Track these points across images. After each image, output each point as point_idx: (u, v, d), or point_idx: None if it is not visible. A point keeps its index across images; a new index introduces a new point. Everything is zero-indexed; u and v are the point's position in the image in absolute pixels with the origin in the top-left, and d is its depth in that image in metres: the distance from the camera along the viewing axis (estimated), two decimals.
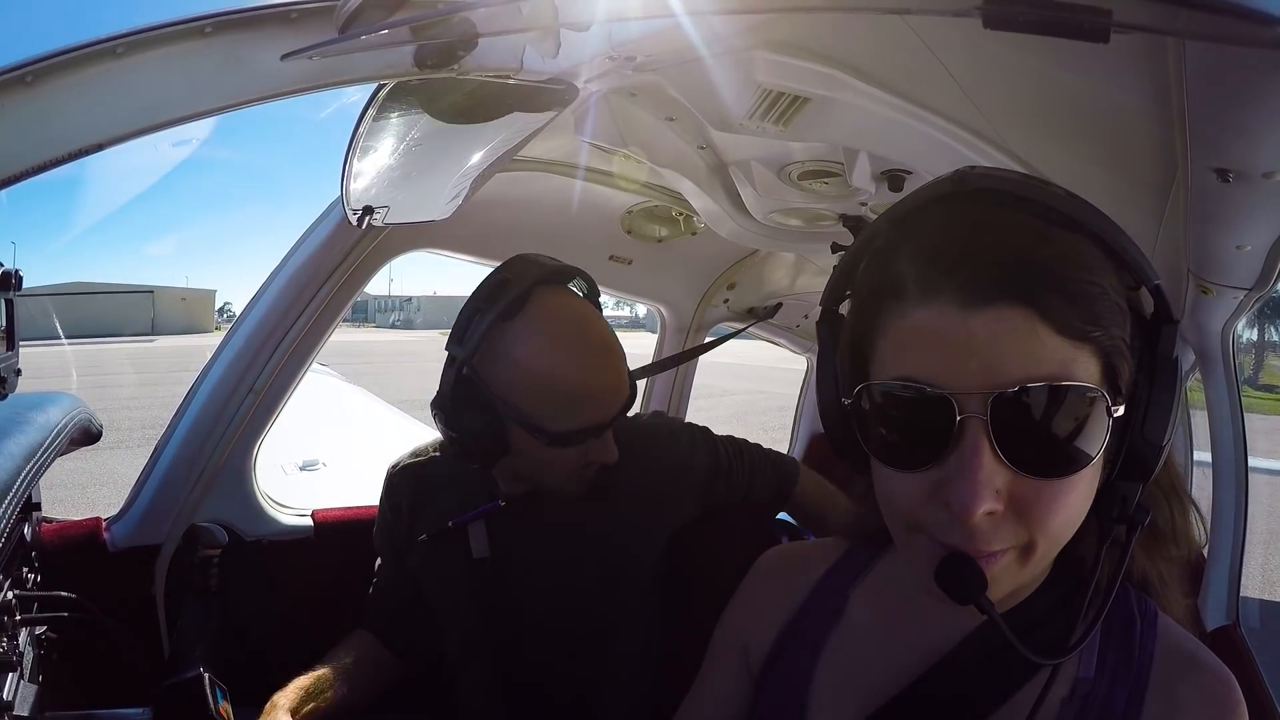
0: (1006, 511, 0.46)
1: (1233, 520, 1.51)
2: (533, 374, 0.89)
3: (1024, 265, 0.44)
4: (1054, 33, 0.50)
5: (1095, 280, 0.45)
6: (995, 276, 0.44)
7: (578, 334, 0.92)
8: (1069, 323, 0.44)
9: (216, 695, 0.91)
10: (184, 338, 33.12)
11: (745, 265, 1.87)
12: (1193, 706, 0.53)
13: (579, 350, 0.91)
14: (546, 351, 0.89)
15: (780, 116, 0.86)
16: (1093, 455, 0.45)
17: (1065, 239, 0.46)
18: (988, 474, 0.44)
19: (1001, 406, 0.43)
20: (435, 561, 1.07)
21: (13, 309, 0.82)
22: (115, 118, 0.61)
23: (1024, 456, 0.44)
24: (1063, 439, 0.45)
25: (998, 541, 0.46)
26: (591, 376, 0.92)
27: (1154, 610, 0.57)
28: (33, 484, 0.87)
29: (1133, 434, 0.48)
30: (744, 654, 0.71)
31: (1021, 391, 0.43)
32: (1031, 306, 0.43)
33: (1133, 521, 0.49)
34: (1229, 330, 1.45)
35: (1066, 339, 0.44)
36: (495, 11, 0.64)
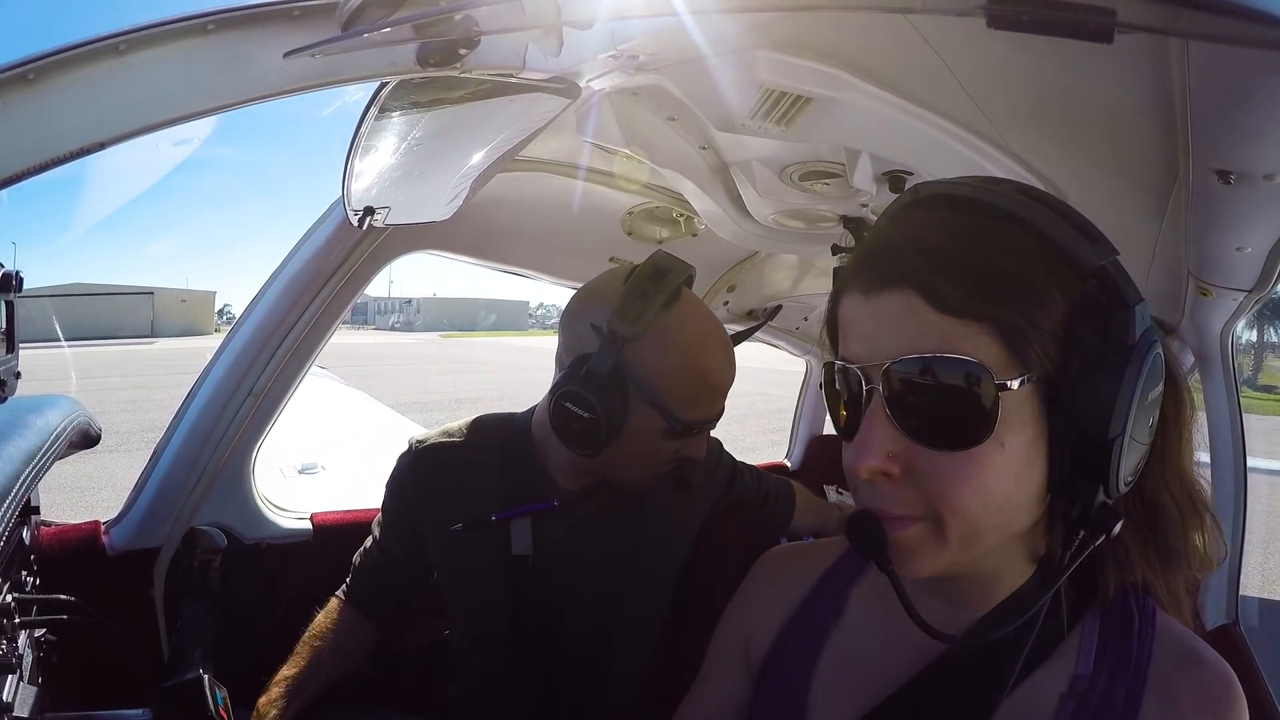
0: (906, 479, 0.49)
1: (1232, 520, 1.51)
2: (687, 359, 0.92)
3: (916, 253, 0.49)
4: (1057, 33, 0.50)
5: (1001, 264, 0.48)
6: (889, 265, 0.49)
7: (715, 334, 0.97)
8: (952, 301, 0.47)
9: (216, 697, 0.91)
10: (184, 340, 33.07)
11: (746, 267, 1.87)
12: (1192, 702, 0.53)
13: (718, 349, 0.96)
14: (699, 341, 0.94)
15: (782, 116, 0.86)
16: (985, 431, 0.47)
17: (986, 230, 0.49)
18: (878, 436, 0.49)
19: (890, 376, 0.48)
20: (468, 552, 1.05)
21: (13, 311, 0.82)
22: (117, 116, 0.61)
23: (914, 424, 0.48)
24: (948, 410, 0.47)
25: (896, 506, 0.50)
26: (723, 374, 0.96)
27: (1152, 607, 0.57)
28: (32, 487, 0.86)
29: (1064, 421, 0.48)
30: (745, 652, 0.72)
31: (902, 363, 0.48)
32: (916, 289, 0.48)
33: (1094, 525, 0.48)
34: (1228, 331, 1.45)
35: (951, 316, 0.47)
36: (498, 9, 0.64)
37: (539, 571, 1.03)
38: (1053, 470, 0.49)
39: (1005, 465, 0.48)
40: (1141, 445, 0.49)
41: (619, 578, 1.05)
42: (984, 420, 0.47)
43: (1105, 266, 0.48)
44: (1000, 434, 0.47)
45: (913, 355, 0.47)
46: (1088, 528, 0.49)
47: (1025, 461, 0.48)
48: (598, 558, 1.04)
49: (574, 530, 1.04)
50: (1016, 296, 0.47)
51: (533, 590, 1.03)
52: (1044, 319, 0.47)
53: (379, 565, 1.13)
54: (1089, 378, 0.47)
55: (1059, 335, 0.48)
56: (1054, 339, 0.48)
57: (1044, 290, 0.48)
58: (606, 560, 1.04)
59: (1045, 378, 0.48)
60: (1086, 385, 0.47)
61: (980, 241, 0.49)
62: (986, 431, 0.47)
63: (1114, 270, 0.48)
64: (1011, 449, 0.48)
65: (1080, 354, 0.47)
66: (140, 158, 47.26)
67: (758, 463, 2.46)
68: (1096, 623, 0.57)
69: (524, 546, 1.03)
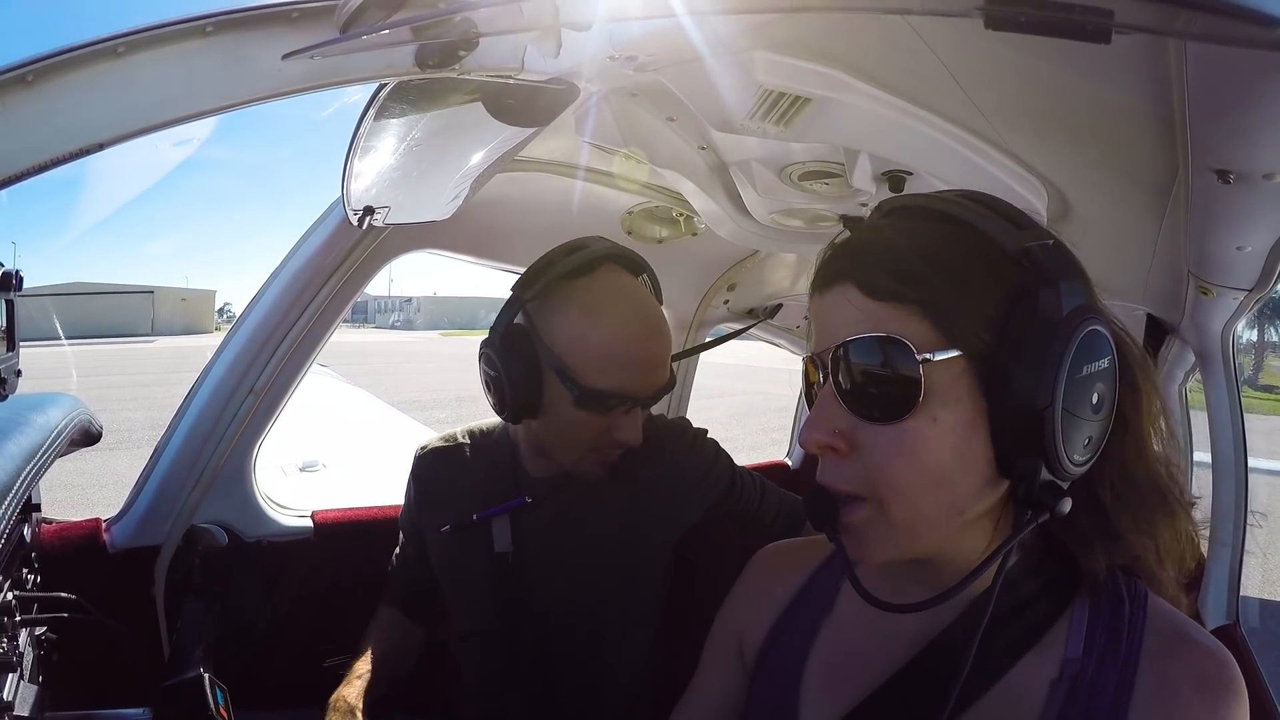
0: (853, 455, 0.53)
1: (1232, 520, 1.51)
2: (584, 325, 0.92)
3: (856, 252, 0.56)
4: (1055, 33, 0.50)
5: (928, 253, 0.52)
6: (834, 265, 0.56)
7: (632, 305, 0.96)
8: (881, 287, 0.52)
9: (216, 695, 0.91)
10: (184, 338, 33.10)
11: (745, 266, 1.87)
12: (1185, 684, 0.53)
13: (631, 318, 0.95)
14: (601, 310, 0.93)
15: (781, 117, 0.86)
16: (911, 401, 0.50)
17: (922, 228, 0.55)
18: (826, 413, 0.54)
19: (836, 359, 0.53)
20: (456, 552, 1.09)
21: (13, 310, 0.82)
22: (116, 117, 0.61)
23: (855, 400, 0.53)
24: (880, 384, 0.52)
25: (842, 481, 0.54)
26: (636, 345, 0.94)
27: (1144, 591, 0.57)
28: (32, 485, 0.86)
29: (998, 397, 0.51)
30: (739, 647, 0.73)
31: (843, 345, 0.53)
32: (853, 281, 0.53)
33: (1037, 503, 0.51)
34: (1229, 331, 1.45)
35: (882, 301, 0.52)
36: (496, 11, 0.64)
37: (520, 568, 1.05)
38: (997, 449, 0.51)
39: (939, 440, 0.51)
40: (1085, 421, 0.51)
41: (597, 572, 1.04)
42: (910, 391, 0.50)
43: (1031, 248, 0.51)
44: (932, 408, 0.51)
45: (851, 338, 0.53)
46: (1032, 505, 0.51)
47: (962, 438, 0.51)
48: (575, 551, 1.04)
49: (550, 525, 1.05)
50: (941, 279, 0.52)
51: (516, 587, 1.05)
52: (972, 299, 0.51)
53: (403, 566, 1.20)
54: (1017, 352, 0.50)
55: (993, 317, 0.51)
56: (987, 320, 0.51)
57: (971, 273, 0.52)
58: (584, 555, 1.04)
59: (979, 356, 0.51)
60: (1014, 359, 0.50)
61: (913, 237, 0.54)
62: (913, 401, 0.50)
63: (1041, 252, 0.51)
64: (945, 424, 0.51)
65: (1011, 332, 0.50)
66: (140, 158, 47.16)
67: (758, 461, 2.47)
68: (1086, 607, 0.57)
69: (504, 544, 1.05)
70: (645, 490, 1.06)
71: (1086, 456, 0.52)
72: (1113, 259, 1.40)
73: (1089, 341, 0.50)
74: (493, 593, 1.06)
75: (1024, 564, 0.58)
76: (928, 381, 0.50)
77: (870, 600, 0.54)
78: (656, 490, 1.07)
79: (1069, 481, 0.52)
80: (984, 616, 0.53)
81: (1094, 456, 0.52)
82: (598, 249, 0.97)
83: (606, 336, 0.92)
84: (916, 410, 0.51)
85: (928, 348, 0.50)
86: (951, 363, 0.51)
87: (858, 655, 0.62)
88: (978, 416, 0.51)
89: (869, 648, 0.62)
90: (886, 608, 0.54)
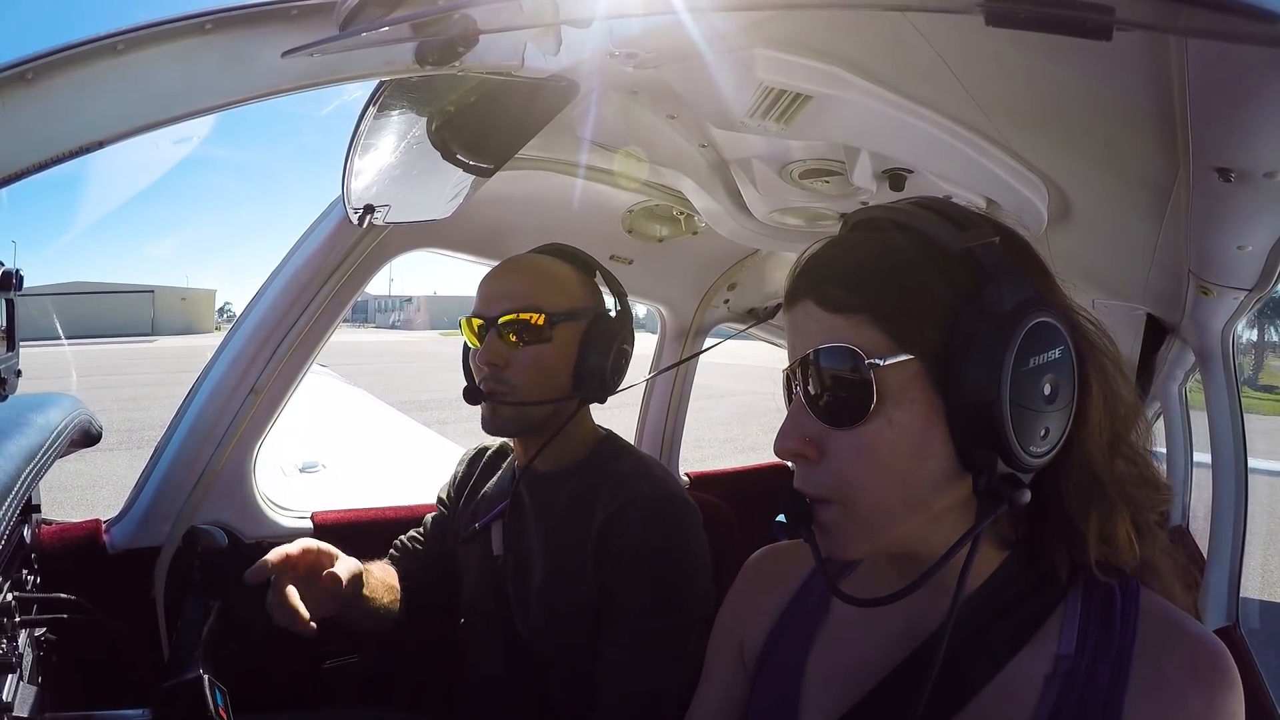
0: (822, 462, 0.56)
1: (1232, 520, 1.51)
2: None
3: (812, 268, 0.58)
4: (1056, 30, 0.50)
5: (876, 263, 0.55)
6: (796, 283, 0.58)
7: (509, 260, 1.09)
8: (831, 300, 0.55)
9: (216, 696, 0.91)
10: (184, 338, 33.11)
11: (746, 265, 1.87)
12: (1179, 675, 0.53)
13: (497, 267, 1.07)
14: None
15: (782, 114, 0.86)
16: (865, 405, 0.53)
17: (872, 239, 0.58)
18: (796, 422, 0.57)
19: (802, 371, 0.56)
20: (467, 557, 1.14)
21: (13, 309, 0.82)
22: (116, 115, 0.61)
23: (820, 408, 0.55)
24: (837, 390, 0.54)
25: (811, 485, 0.56)
26: (487, 279, 1.05)
27: (1135, 585, 0.58)
28: (33, 486, 0.86)
29: (950, 394, 0.52)
30: (740, 651, 0.73)
31: (806, 357, 0.56)
32: (811, 296, 0.56)
33: (995, 494, 0.52)
34: (1229, 331, 1.45)
35: (833, 313, 0.55)
36: (496, 8, 0.64)
37: (509, 569, 1.07)
38: (957, 445, 0.53)
39: (896, 440, 0.53)
40: (1038, 412, 0.52)
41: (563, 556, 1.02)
42: (864, 396, 0.53)
43: (973, 248, 0.53)
44: (887, 410, 0.53)
45: (809, 350, 0.56)
46: (992, 497, 0.52)
47: (920, 436, 0.53)
48: (544, 538, 1.05)
49: (532, 525, 1.06)
50: (888, 286, 0.54)
51: (511, 589, 1.07)
52: (919, 303, 0.53)
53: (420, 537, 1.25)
54: (964, 348, 0.52)
55: (942, 318, 0.53)
56: (935, 322, 0.53)
57: (917, 278, 0.54)
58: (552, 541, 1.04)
59: (931, 356, 0.53)
60: (964, 357, 0.52)
61: (864, 248, 0.58)
62: (867, 406, 0.53)
63: (984, 250, 0.53)
64: (901, 425, 0.53)
65: (960, 330, 0.52)
66: (139, 156, 47.37)
67: (759, 462, 2.46)
68: (1078, 603, 0.57)
69: (499, 547, 1.09)
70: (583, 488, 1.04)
71: (1045, 448, 0.53)
72: (1113, 258, 1.40)
73: (1036, 333, 0.51)
74: (493, 596, 1.08)
75: (1017, 559, 0.58)
76: (880, 386, 0.52)
77: (839, 595, 0.57)
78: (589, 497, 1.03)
79: (1030, 473, 0.53)
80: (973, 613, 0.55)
81: (1055, 448, 0.54)
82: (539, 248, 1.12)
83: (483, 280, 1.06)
84: (872, 414, 0.53)
85: (878, 354, 0.53)
86: (903, 366, 0.53)
87: (855, 655, 0.63)
88: (934, 415, 0.53)
89: (867, 647, 0.62)
90: (855, 602, 0.57)
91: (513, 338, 1.01)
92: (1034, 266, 0.57)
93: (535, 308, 1.00)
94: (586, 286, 1.09)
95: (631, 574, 0.96)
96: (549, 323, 1.00)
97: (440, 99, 0.89)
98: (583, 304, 1.05)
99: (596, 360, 1.03)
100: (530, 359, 1.01)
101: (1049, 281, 0.57)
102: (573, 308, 1.03)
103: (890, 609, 0.55)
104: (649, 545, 0.96)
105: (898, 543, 0.57)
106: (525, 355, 1.01)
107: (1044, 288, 0.56)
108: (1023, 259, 0.56)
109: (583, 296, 1.06)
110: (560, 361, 1.02)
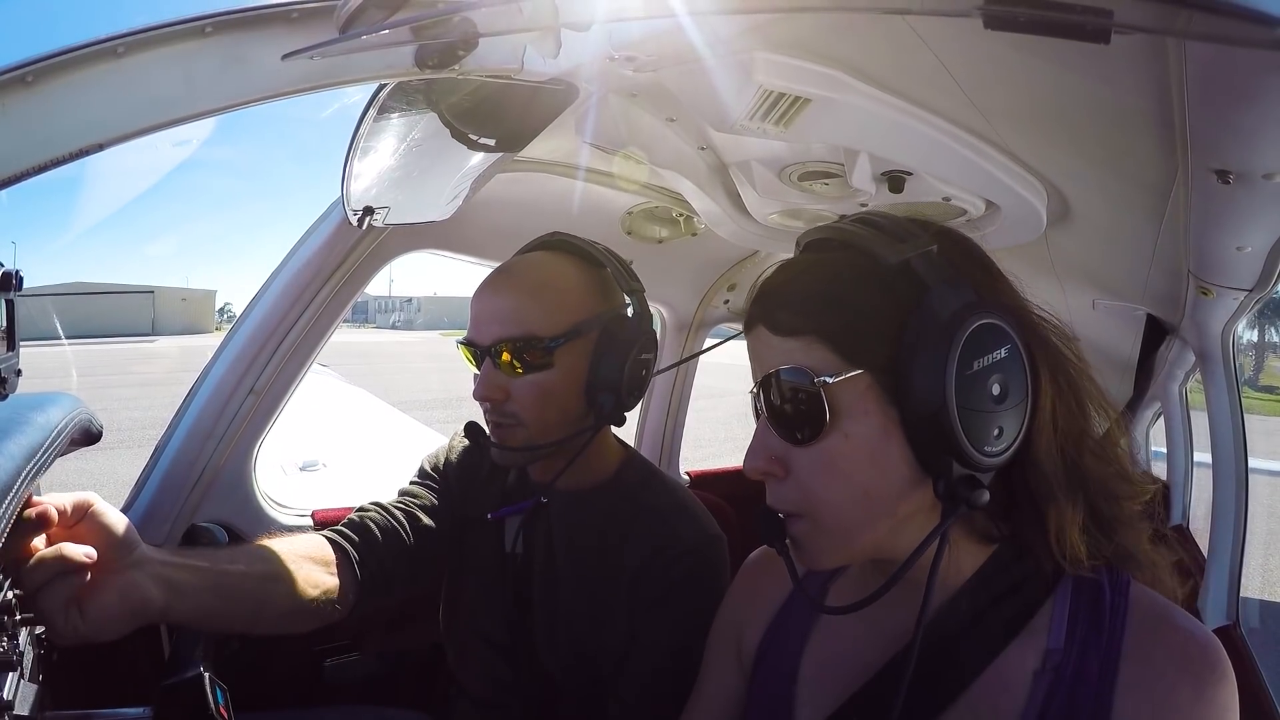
0: (789, 479, 0.58)
1: (1232, 520, 1.51)
2: None
3: (762, 294, 0.60)
4: (1055, 33, 0.50)
5: (821, 285, 0.57)
6: (751, 311, 0.61)
7: (501, 268, 0.98)
8: (781, 324, 0.57)
9: (216, 695, 0.91)
10: (184, 338, 33.12)
11: (745, 266, 1.87)
12: (1170, 668, 0.53)
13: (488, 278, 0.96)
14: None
15: (781, 117, 0.86)
16: (820, 422, 0.55)
17: (819, 261, 0.60)
18: (761, 442, 0.59)
19: (763, 392, 0.58)
20: (474, 548, 1.08)
21: (13, 309, 0.82)
22: (116, 118, 0.61)
23: (780, 427, 0.57)
24: (793, 409, 0.56)
25: (779, 501, 0.59)
26: (476, 297, 0.95)
27: (1125, 579, 0.58)
28: (33, 484, 0.86)
29: (901, 404, 0.54)
30: (737, 652, 0.74)
31: (763, 381, 0.58)
32: (763, 323, 0.59)
33: (954, 496, 0.53)
34: (1229, 331, 1.45)
35: (783, 336, 0.57)
36: (496, 12, 0.64)
37: (528, 569, 1.04)
38: (915, 452, 0.54)
39: (853, 453, 0.55)
40: (988, 413, 0.53)
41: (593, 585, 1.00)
42: (817, 413, 0.55)
43: (910, 259, 0.54)
44: (842, 425, 0.55)
45: (765, 373, 0.58)
46: (950, 500, 0.53)
47: (877, 447, 0.55)
48: (573, 560, 1.02)
49: (555, 527, 1.04)
50: (833, 306, 0.56)
51: (528, 589, 1.04)
52: (865, 320, 0.55)
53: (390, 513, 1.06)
54: (910, 358, 0.53)
55: (888, 331, 0.54)
56: (881, 335, 0.54)
57: (859, 295, 0.55)
58: (581, 565, 1.01)
59: (881, 369, 0.54)
60: (909, 365, 0.53)
61: (809, 272, 0.60)
62: (822, 422, 0.55)
63: (921, 260, 0.54)
64: (857, 438, 0.55)
65: (906, 341, 0.53)
66: (140, 158, 46.99)
67: None
68: (1067, 597, 0.58)
69: (514, 544, 1.05)
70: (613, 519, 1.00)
71: (1001, 446, 0.54)
72: (1113, 259, 1.40)
73: (977, 337, 0.52)
74: (503, 592, 1.04)
75: (1003, 554, 0.59)
76: (832, 402, 0.54)
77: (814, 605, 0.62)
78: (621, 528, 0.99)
79: (988, 472, 0.54)
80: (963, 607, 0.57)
81: (1012, 445, 0.54)
82: (538, 239, 1.02)
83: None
84: (827, 430, 0.55)
85: (828, 371, 0.54)
86: (853, 381, 0.54)
87: (849, 652, 0.64)
88: (890, 425, 0.54)
89: (859, 644, 0.63)
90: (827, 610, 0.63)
91: (511, 365, 0.91)
92: (976, 268, 0.58)
93: (531, 333, 0.89)
94: (593, 289, 0.96)
95: (661, 620, 0.92)
96: (548, 348, 0.90)
97: (440, 102, 0.89)
98: (588, 314, 0.93)
99: (609, 378, 0.92)
100: (533, 388, 0.91)
101: (994, 282, 0.58)
102: (576, 323, 0.91)
103: (881, 607, 0.56)
104: (683, 594, 0.91)
105: (870, 549, 0.59)
106: (527, 384, 0.91)
107: (987, 289, 0.57)
108: (964, 262, 0.58)
109: (588, 304, 0.94)
110: (568, 386, 0.92)
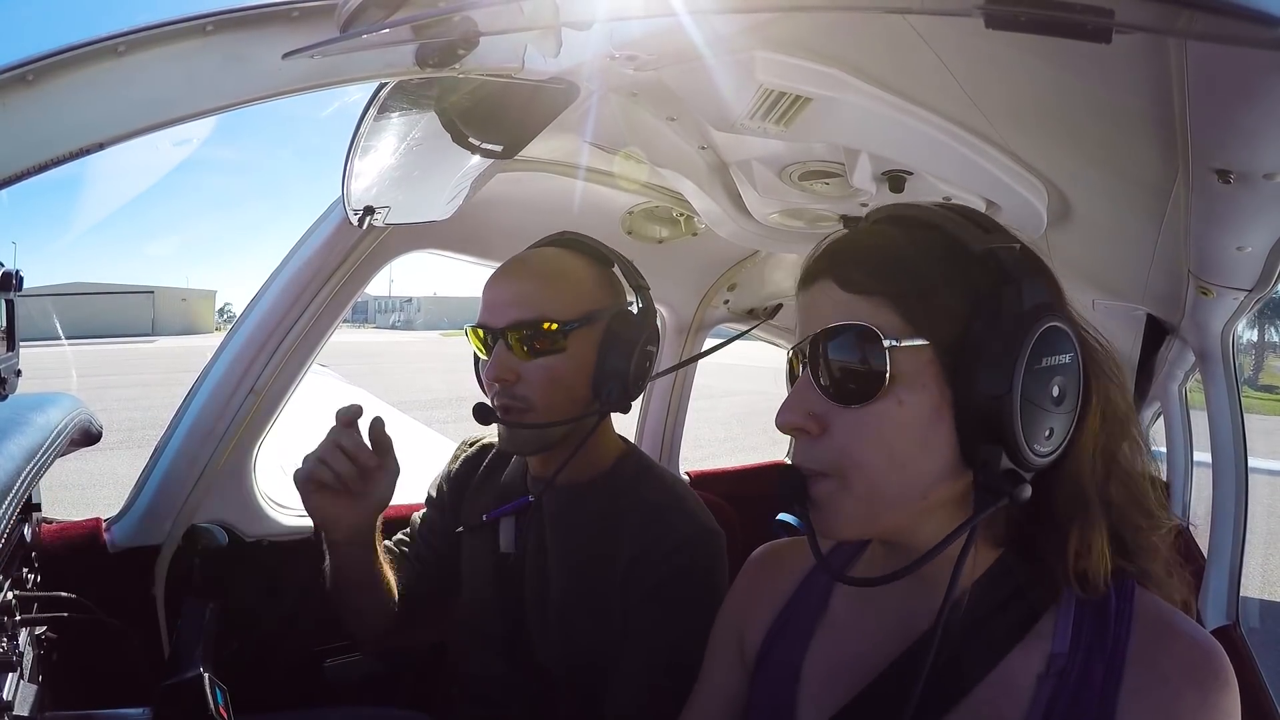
0: (824, 438, 0.57)
1: (1232, 520, 1.51)
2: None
3: (832, 250, 0.60)
4: (1056, 33, 0.50)
5: (899, 252, 0.57)
6: (816, 264, 0.60)
7: (515, 259, 1.01)
8: (855, 280, 0.57)
9: (216, 695, 0.91)
10: (184, 338, 33.13)
11: (746, 266, 1.87)
12: (1174, 675, 0.53)
13: (502, 267, 1.00)
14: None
15: (781, 116, 0.86)
16: (879, 383, 0.54)
17: (898, 233, 0.59)
18: (801, 397, 0.58)
19: (812, 347, 0.57)
20: (470, 552, 1.10)
21: (13, 309, 0.82)
22: (116, 117, 0.61)
23: (827, 384, 0.56)
24: (850, 368, 0.55)
25: (810, 460, 0.57)
26: (491, 283, 0.99)
27: (1131, 585, 0.58)
28: (33, 485, 0.86)
29: (960, 384, 0.54)
30: (740, 648, 0.74)
31: (819, 334, 0.57)
32: (831, 276, 0.58)
33: (996, 489, 0.53)
34: (1229, 331, 1.45)
35: (855, 294, 0.56)
36: (496, 11, 0.64)
37: (522, 568, 1.04)
38: (961, 438, 0.54)
39: (904, 422, 0.54)
40: (1046, 411, 0.53)
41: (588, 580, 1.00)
42: (877, 374, 0.54)
43: (994, 250, 0.55)
44: (898, 391, 0.54)
45: (826, 326, 0.56)
46: (992, 491, 0.53)
47: (927, 423, 0.54)
48: (567, 555, 1.02)
49: (549, 526, 1.04)
50: (910, 275, 0.56)
51: (521, 588, 1.04)
52: (938, 294, 0.55)
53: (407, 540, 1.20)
54: (977, 342, 0.53)
55: (959, 312, 0.55)
56: (952, 314, 0.55)
57: (938, 271, 0.56)
58: (575, 560, 1.01)
59: (945, 347, 0.54)
60: (975, 349, 0.53)
61: (889, 239, 0.59)
62: (879, 384, 0.54)
63: (1005, 253, 0.55)
64: (910, 408, 0.54)
65: (976, 326, 0.54)
66: (140, 158, 46.98)
67: (759, 461, 2.46)
68: (1073, 603, 0.57)
69: (509, 544, 1.05)
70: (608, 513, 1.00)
71: (1049, 448, 0.54)
72: (1113, 259, 1.40)
73: (1048, 336, 0.53)
74: (498, 593, 1.05)
75: (1010, 558, 0.59)
76: (894, 366, 0.54)
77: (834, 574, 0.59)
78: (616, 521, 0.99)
79: (1031, 471, 0.54)
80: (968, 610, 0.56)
81: (1056, 451, 0.54)
82: (549, 237, 1.06)
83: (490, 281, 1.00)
84: (883, 393, 0.54)
85: (895, 335, 0.54)
86: (918, 351, 0.54)
87: (853, 651, 0.63)
88: (943, 405, 0.54)
89: (863, 643, 0.63)
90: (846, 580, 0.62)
91: (523, 348, 0.94)
92: (1047, 276, 0.58)
93: (545, 316, 0.94)
94: (603, 283, 1.01)
95: (654, 613, 0.93)
96: (561, 331, 0.94)
97: (440, 101, 0.89)
98: (599, 304, 0.97)
99: (617, 366, 0.96)
100: (544, 372, 0.94)
101: (1060, 294, 0.59)
102: (587, 311, 0.96)
103: (886, 606, 0.56)
104: (676, 587, 0.92)
105: (889, 530, 0.59)
106: (538, 368, 0.94)
107: (1056, 298, 0.57)
108: (1038, 267, 0.58)
109: (599, 296, 0.98)
110: (577, 372, 0.96)
